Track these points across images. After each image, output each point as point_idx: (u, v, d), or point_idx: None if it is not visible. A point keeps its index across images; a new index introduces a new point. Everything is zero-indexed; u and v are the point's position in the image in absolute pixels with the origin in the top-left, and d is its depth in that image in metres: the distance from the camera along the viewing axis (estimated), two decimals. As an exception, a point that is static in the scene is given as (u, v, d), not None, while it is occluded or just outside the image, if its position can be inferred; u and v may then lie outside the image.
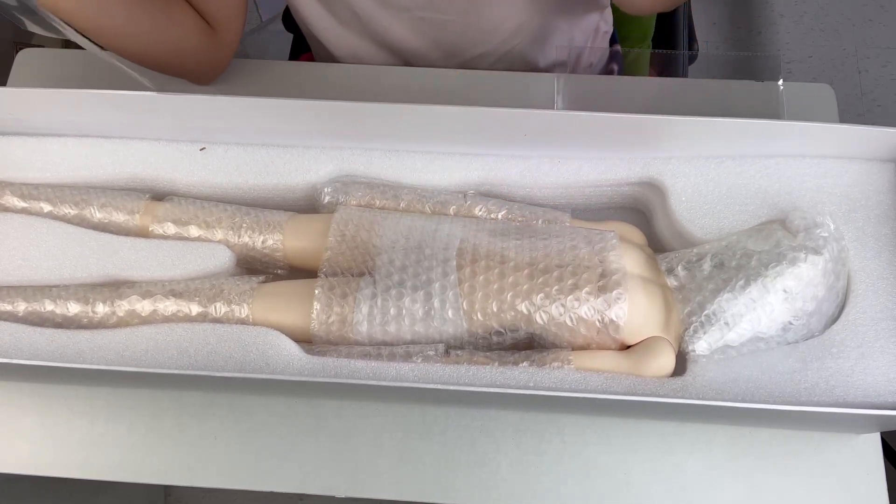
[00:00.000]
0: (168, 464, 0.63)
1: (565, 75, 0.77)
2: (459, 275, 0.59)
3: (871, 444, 0.62)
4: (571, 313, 0.57)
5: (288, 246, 0.64)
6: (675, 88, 0.78)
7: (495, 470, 0.62)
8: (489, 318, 0.58)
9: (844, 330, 0.59)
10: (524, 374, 0.57)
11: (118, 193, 0.66)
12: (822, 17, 1.72)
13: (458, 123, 0.63)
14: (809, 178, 0.64)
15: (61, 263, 0.63)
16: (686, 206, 0.64)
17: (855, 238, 0.62)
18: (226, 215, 0.65)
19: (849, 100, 1.64)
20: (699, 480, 0.62)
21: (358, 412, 0.64)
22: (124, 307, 0.60)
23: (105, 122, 0.66)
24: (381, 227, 0.63)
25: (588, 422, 0.63)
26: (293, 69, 0.82)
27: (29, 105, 0.65)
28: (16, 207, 0.66)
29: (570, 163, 0.66)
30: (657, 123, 0.62)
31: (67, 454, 0.64)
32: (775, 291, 0.57)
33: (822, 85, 0.76)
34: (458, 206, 0.66)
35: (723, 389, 0.57)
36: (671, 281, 0.61)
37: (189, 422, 0.64)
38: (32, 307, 0.61)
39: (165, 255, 0.63)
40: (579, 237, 0.61)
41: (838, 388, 0.57)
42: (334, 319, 0.59)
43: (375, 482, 0.62)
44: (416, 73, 0.79)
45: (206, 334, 0.59)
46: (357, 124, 0.64)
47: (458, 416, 0.64)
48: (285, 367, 0.58)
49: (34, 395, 0.65)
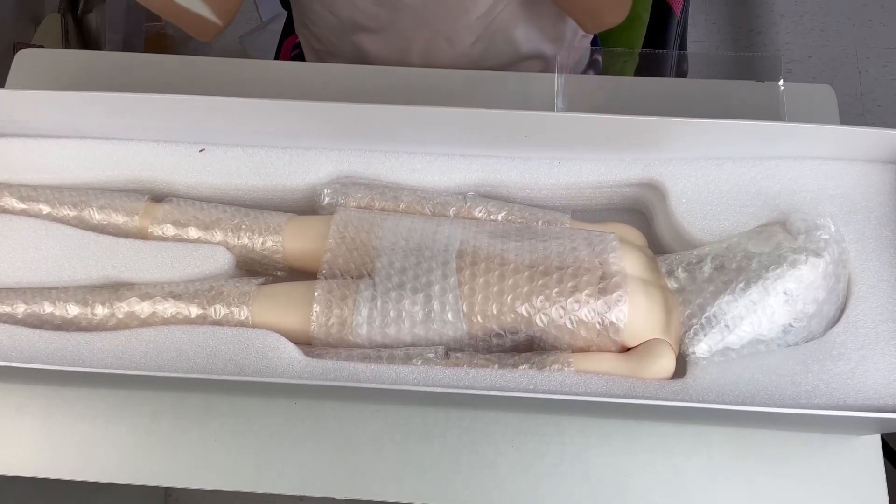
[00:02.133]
0: (167, 466, 0.63)
1: (565, 76, 0.76)
2: (459, 277, 0.59)
3: (871, 446, 0.62)
4: (571, 315, 0.57)
5: (287, 247, 0.64)
6: (676, 89, 0.77)
7: (495, 472, 0.62)
8: (489, 321, 0.58)
9: (845, 332, 0.59)
10: (524, 376, 0.56)
11: (117, 195, 0.66)
12: (822, 17, 1.72)
13: (458, 125, 0.63)
14: (810, 179, 0.64)
15: (60, 265, 0.63)
16: (686, 207, 0.64)
17: (855, 240, 0.62)
18: (225, 217, 0.65)
19: (849, 100, 1.64)
20: (699, 482, 0.62)
21: (358, 414, 0.64)
22: (123, 309, 0.60)
23: (104, 124, 0.66)
24: (381, 228, 0.63)
25: (588, 424, 0.63)
26: (293, 69, 0.82)
27: (28, 107, 0.65)
28: (15, 209, 0.65)
29: (570, 164, 0.66)
30: (657, 125, 0.62)
31: (67, 456, 0.64)
32: (776, 294, 0.57)
33: (823, 85, 0.76)
34: (457, 207, 0.66)
35: (723, 392, 0.57)
36: (671, 283, 0.61)
37: (188, 424, 0.64)
38: (31, 309, 0.61)
39: (165, 257, 0.63)
40: (579, 239, 0.61)
41: (839, 390, 0.57)
42: (334, 322, 0.59)
43: (375, 484, 0.62)
44: (416, 74, 0.79)
45: (205, 336, 0.59)
46: (357, 125, 0.64)
47: (457, 418, 0.64)
48: (285, 370, 0.58)
49: (34, 396, 0.65)
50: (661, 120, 0.61)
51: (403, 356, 0.58)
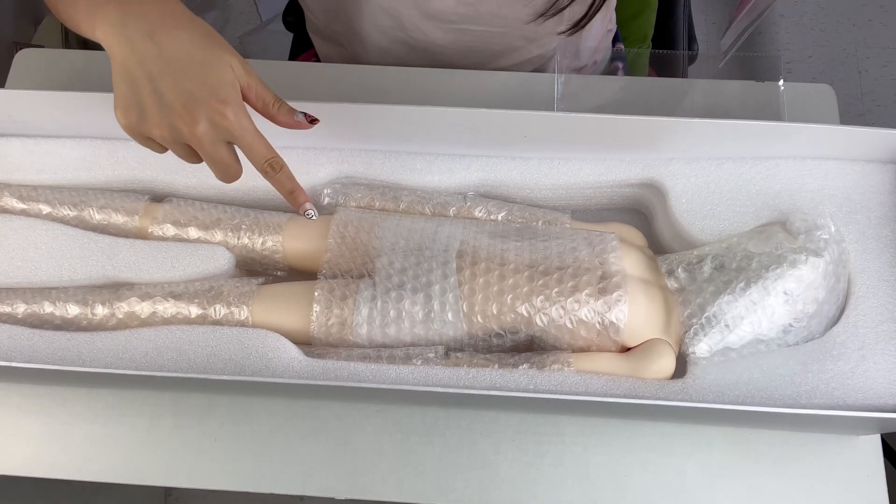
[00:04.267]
0: (168, 465, 0.63)
1: (565, 76, 0.77)
2: (459, 277, 0.59)
3: (871, 446, 0.62)
4: (571, 315, 0.57)
5: (287, 247, 0.64)
6: (675, 88, 0.77)
7: (495, 471, 0.62)
8: (489, 321, 0.58)
9: (845, 332, 0.59)
10: (524, 376, 0.56)
11: (117, 195, 0.66)
12: (822, 17, 1.72)
13: (458, 125, 0.63)
14: (810, 179, 0.64)
15: (60, 265, 0.63)
16: (686, 207, 0.64)
17: (856, 240, 0.62)
18: (225, 216, 0.65)
19: (849, 100, 1.64)
20: (699, 482, 0.62)
21: (358, 414, 0.64)
22: (123, 309, 0.60)
23: (104, 124, 0.66)
24: (381, 228, 0.63)
25: (588, 423, 0.63)
26: (293, 69, 0.81)
27: (28, 107, 0.65)
28: (15, 209, 0.65)
29: (570, 164, 0.66)
30: (657, 125, 0.62)
31: (67, 456, 0.64)
32: (776, 294, 0.57)
33: (823, 85, 0.76)
34: (458, 207, 0.66)
35: (723, 392, 0.57)
36: (671, 283, 0.61)
37: (189, 423, 0.64)
38: (32, 309, 0.61)
39: (165, 257, 0.63)
40: (579, 239, 0.61)
41: (839, 390, 0.57)
42: (334, 322, 0.59)
43: (375, 484, 0.62)
44: (416, 74, 0.79)
45: (205, 336, 0.59)
46: (357, 126, 0.64)
47: (457, 418, 0.64)
48: (285, 370, 0.58)
49: (34, 396, 0.65)
50: (661, 120, 0.61)
51: (403, 356, 0.58)
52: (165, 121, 0.49)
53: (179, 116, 0.49)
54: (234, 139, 0.51)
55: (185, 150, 0.52)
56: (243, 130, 0.50)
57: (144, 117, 0.50)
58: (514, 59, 0.82)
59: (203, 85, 0.49)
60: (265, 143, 0.52)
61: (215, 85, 0.49)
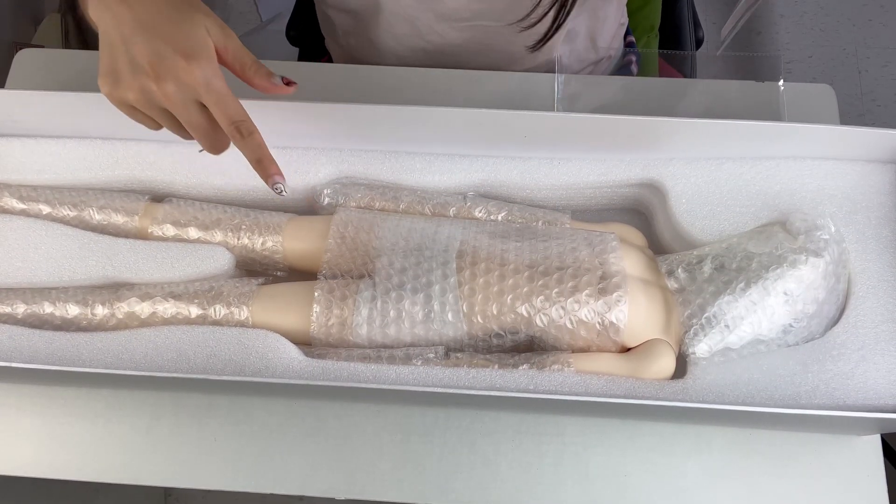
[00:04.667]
0: (167, 466, 0.63)
1: (565, 76, 0.76)
2: (459, 277, 0.59)
3: (871, 446, 0.62)
4: (571, 316, 0.57)
5: (287, 247, 0.64)
6: (676, 88, 0.77)
7: (495, 471, 0.62)
8: (489, 321, 0.58)
9: (845, 332, 0.59)
10: (524, 376, 0.56)
11: (117, 195, 0.66)
12: (822, 17, 1.72)
13: (458, 125, 0.63)
14: (810, 179, 0.64)
15: (60, 265, 0.63)
16: (686, 207, 0.64)
17: (856, 240, 0.62)
18: (225, 217, 0.65)
19: (849, 100, 1.64)
20: (699, 482, 0.62)
21: (358, 414, 0.64)
22: (123, 309, 0.60)
23: (104, 124, 0.66)
24: (381, 228, 0.63)
25: (588, 423, 0.63)
26: (293, 69, 0.81)
27: (28, 107, 0.65)
28: (14, 209, 0.65)
29: (570, 164, 0.66)
30: (657, 125, 0.62)
31: (67, 456, 0.64)
32: (776, 294, 0.57)
33: (823, 85, 0.76)
34: (458, 207, 0.66)
35: (723, 392, 0.57)
36: (671, 283, 0.61)
37: (189, 424, 0.64)
38: (31, 309, 0.61)
39: (165, 257, 0.63)
40: (579, 239, 0.61)
41: (839, 390, 0.57)
42: (334, 322, 0.59)
43: (375, 484, 0.62)
44: (415, 74, 0.79)
45: (205, 337, 0.59)
46: (356, 126, 0.64)
47: (457, 418, 0.64)
48: (285, 371, 0.58)
49: (34, 396, 0.65)
50: (661, 120, 0.61)
51: (403, 356, 0.58)
52: (137, 82, 0.49)
53: (148, 75, 0.48)
54: (201, 97, 0.49)
55: (166, 117, 0.51)
56: (209, 88, 0.49)
57: (119, 80, 0.49)
58: (529, 62, 0.82)
59: (171, 42, 0.48)
60: (236, 103, 0.51)
61: (184, 42, 0.48)
